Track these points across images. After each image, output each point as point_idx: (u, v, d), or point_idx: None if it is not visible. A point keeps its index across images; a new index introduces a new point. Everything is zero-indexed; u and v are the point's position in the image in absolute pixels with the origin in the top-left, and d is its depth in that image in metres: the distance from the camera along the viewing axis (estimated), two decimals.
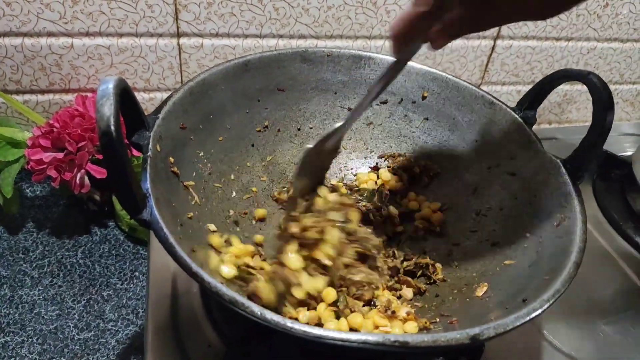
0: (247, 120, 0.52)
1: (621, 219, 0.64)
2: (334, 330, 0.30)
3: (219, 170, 0.49)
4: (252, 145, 0.54)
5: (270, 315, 0.30)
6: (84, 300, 0.56)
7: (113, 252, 0.62)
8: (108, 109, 0.30)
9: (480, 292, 0.43)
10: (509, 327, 0.33)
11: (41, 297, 0.56)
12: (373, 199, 0.54)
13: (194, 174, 0.45)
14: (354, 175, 0.59)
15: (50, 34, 0.60)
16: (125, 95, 0.34)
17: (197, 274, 0.31)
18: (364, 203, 0.54)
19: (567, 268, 0.37)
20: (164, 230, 0.33)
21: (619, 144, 0.80)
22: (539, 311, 0.34)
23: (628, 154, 0.75)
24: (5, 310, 0.54)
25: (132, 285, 0.58)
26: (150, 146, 0.38)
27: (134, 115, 0.38)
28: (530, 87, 0.52)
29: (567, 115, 0.87)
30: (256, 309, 0.30)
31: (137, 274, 0.60)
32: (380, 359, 0.44)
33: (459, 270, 0.48)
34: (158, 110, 0.42)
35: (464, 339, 0.31)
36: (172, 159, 0.42)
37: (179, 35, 0.63)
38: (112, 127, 0.29)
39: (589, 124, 0.44)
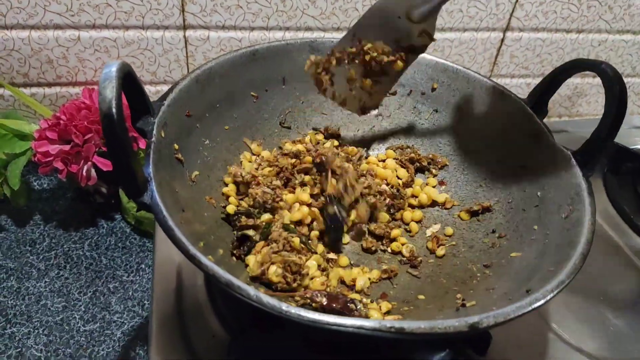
0: (254, 110, 0.52)
1: (632, 212, 0.63)
2: (330, 315, 0.30)
3: (225, 158, 0.49)
4: (259, 135, 0.54)
5: (266, 298, 0.30)
6: (90, 292, 0.56)
7: (119, 244, 0.62)
8: (110, 91, 0.29)
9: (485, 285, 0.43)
10: (510, 317, 0.32)
11: (47, 289, 0.56)
12: None
13: (199, 162, 0.45)
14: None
15: (57, 27, 0.60)
16: (129, 80, 0.34)
17: (194, 257, 0.31)
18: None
19: (573, 259, 0.36)
20: (163, 213, 0.32)
21: (630, 136, 0.79)
22: (542, 301, 0.33)
23: (639, 146, 0.74)
24: (11, 302, 0.55)
25: (138, 278, 0.58)
26: (154, 132, 0.38)
27: (138, 101, 0.38)
28: (540, 80, 0.51)
29: (578, 108, 0.86)
30: (252, 292, 0.30)
31: (143, 266, 0.60)
32: (390, 348, 0.44)
33: (465, 262, 0.48)
34: (164, 97, 0.41)
35: (462, 326, 0.30)
36: (176, 146, 0.42)
37: (185, 27, 0.63)
38: (114, 110, 0.29)
39: (599, 117, 0.43)
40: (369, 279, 0.47)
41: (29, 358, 0.50)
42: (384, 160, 0.57)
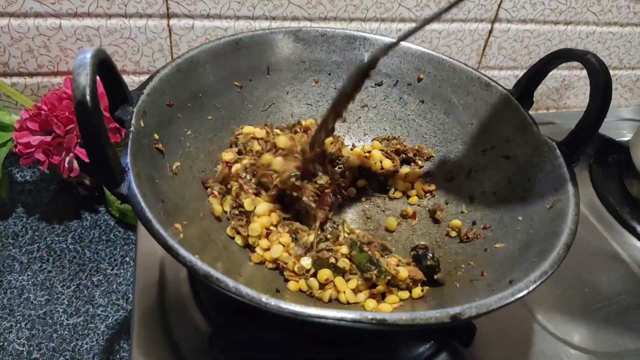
0: (237, 100, 0.51)
1: (618, 204, 0.64)
2: (310, 307, 0.29)
3: (208, 149, 0.48)
4: (242, 126, 0.53)
5: (245, 290, 0.29)
6: (73, 285, 0.56)
7: (103, 237, 0.61)
8: (84, 78, 0.29)
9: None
10: (492, 307, 0.32)
11: (30, 282, 0.55)
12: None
13: (181, 153, 0.44)
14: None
15: (37, 15, 0.59)
16: (105, 67, 0.33)
17: (172, 248, 0.30)
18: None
19: (556, 250, 0.36)
20: (141, 205, 0.32)
21: (617, 129, 0.79)
22: (524, 292, 0.33)
23: (626, 139, 0.75)
24: None
25: (122, 271, 0.58)
26: (133, 121, 0.37)
27: (116, 89, 0.37)
28: None
29: (565, 101, 0.86)
30: (231, 283, 0.29)
31: (127, 259, 0.59)
32: (374, 339, 0.43)
33: (448, 253, 0.48)
34: (143, 85, 0.41)
35: (444, 317, 0.30)
36: (157, 136, 0.41)
37: (169, 16, 0.62)
38: (88, 97, 0.28)
39: None
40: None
41: (11, 352, 0.49)
42: (369, 152, 0.56)
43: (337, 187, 0.50)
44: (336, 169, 0.54)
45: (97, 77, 0.31)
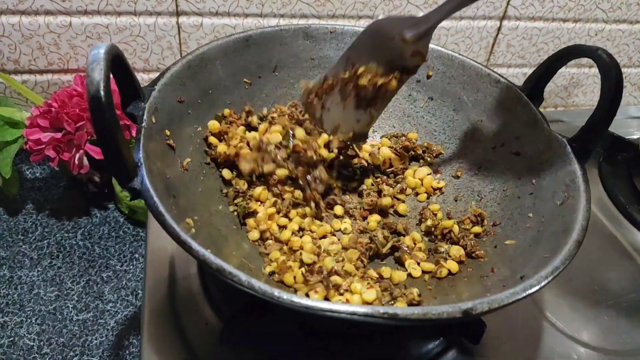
0: (247, 97, 0.52)
1: (627, 202, 0.63)
2: (322, 301, 0.29)
3: None
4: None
5: (257, 284, 0.29)
6: (83, 281, 0.56)
7: (113, 234, 0.61)
8: (98, 73, 0.29)
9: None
10: (504, 303, 0.32)
11: (40, 278, 0.56)
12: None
13: (191, 149, 0.45)
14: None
15: (48, 12, 0.59)
16: (118, 63, 0.33)
17: (185, 242, 0.30)
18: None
19: (567, 246, 0.36)
20: (154, 199, 0.32)
21: (626, 127, 0.79)
22: (536, 288, 0.33)
23: (635, 137, 0.74)
24: (4, 291, 0.54)
25: (131, 267, 0.58)
26: (145, 117, 0.37)
27: (128, 85, 0.37)
28: None
29: (574, 99, 0.86)
30: (243, 277, 0.29)
31: (136, 255, 0.59)
32: (384, 335, 0.43)
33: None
34: (155, 82, 0.41)
35: (455, 312, 0.30)
36: (168, 132, 0.41)
37: (178, 13, 0.62)
38: (102, 92, 0.28)
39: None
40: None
41: (21, 347, 0.50)
42: (378, 149, 0.56)
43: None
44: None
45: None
